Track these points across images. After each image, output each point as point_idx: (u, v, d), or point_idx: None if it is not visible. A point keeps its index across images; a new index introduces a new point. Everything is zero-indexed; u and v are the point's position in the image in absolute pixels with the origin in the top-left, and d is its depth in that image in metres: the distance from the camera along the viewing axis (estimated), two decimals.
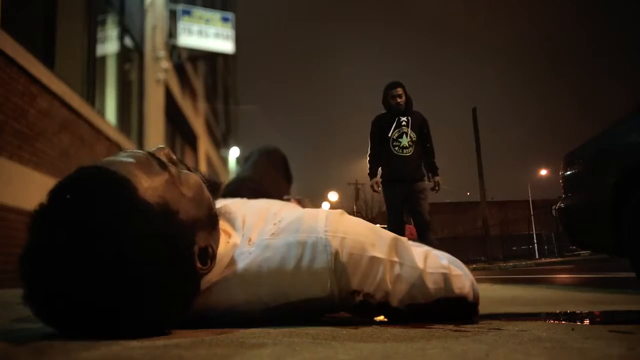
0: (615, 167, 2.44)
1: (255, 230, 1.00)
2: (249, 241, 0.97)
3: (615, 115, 2.83)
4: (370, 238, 0.97)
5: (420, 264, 0.98)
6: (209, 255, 0.86)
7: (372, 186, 4.27)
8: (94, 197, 0.73)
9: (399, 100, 4.14)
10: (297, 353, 0.59)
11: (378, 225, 1.25)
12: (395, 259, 0.97)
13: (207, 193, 0.92)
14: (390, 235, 1.00)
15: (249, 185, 1.66)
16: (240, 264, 0.92)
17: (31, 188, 3.84)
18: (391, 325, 0.91)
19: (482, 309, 1.14)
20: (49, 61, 4.45)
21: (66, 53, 5.03)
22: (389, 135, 4.14)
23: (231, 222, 1.04)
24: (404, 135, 4.12)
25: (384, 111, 4.27)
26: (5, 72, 3.63)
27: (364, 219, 1.06)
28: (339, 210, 1.02)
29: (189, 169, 0.93)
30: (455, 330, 0.81)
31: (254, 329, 0.82)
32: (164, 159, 0.88)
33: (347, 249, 0.93)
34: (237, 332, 0.79)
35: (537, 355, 0.56)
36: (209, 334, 0.76)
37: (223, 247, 0.95)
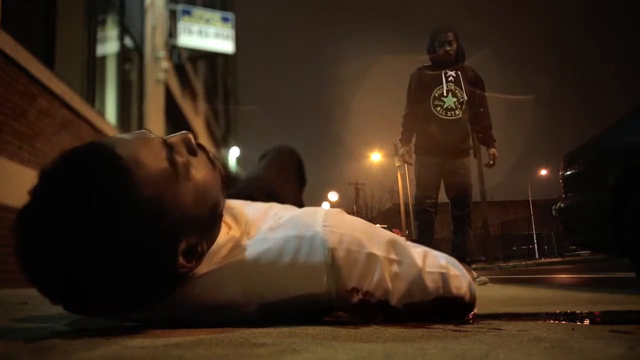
0: (615, 167, 2.44)
1: (255, 226, 1.01)
2: (248, 235, 0.98)
3: (615, 115, 2.83)
4: (368, 236, 0.97)
5: (419, 262, 0.98)
6: (196, 254, 0.87)
7: (402, 155, 3.45)
8: (88, 172, 0.75)
9: (448, 48, 3.26)
10: (297, 353, 0.59)
11: (378, 225, 1.25)
12: (394, 256, 0.97)
13: (215, 190, 0.92)
14: (388, 234, 1.01)
15: (260, 185, 1.61)
16: (237, 256, 0.93)
17: None
18: (391, 325, 0.90)
19: (482, 309, 1.14)
20: (49, 61, 4.45)
21: (66, 53, 5.03)
22: (432, 93, 3.24)
23: (233, 216, 1.05)
24: (450, 94, 3.22)
25: (427, 64, 3.39)
26: (5, 72, 3.63)
27: (363, 219, 1.06)
28: (338, 210, 1.03)
29: (210, 159, 0.95)
30: (455, 330, 0.81)
31: (254, 329, 0.82)
32: (180, 147, 0.88)
33: (344, 244, 0.93)
34: (237, 332, 0.79)
35: (537, 355, 0.56)
36: (209, 334, 0.76)
37: (222, 238, 0.95)
